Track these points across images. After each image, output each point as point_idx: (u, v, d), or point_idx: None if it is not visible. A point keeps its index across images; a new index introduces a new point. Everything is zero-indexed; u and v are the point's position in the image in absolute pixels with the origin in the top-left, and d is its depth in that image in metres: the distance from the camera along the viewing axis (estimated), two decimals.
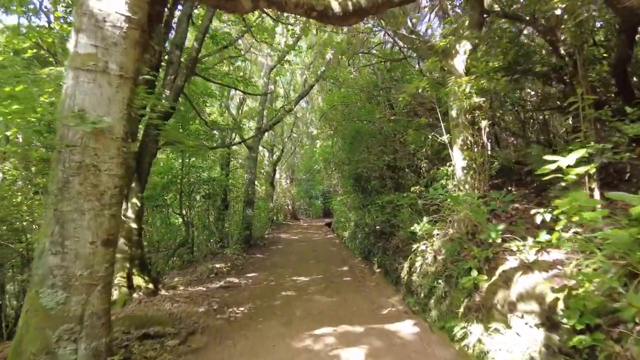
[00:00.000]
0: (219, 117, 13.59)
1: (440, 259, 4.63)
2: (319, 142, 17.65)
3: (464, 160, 4.80)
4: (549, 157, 2.73)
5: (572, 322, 2.39)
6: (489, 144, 5.12)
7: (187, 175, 9.88)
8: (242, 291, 6.25)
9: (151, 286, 5.60)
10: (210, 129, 10.52)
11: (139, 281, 5.48)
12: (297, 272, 7.58)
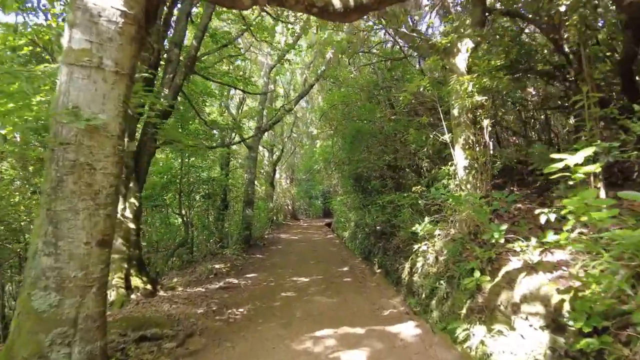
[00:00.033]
0: (219, 116, 13.51)
1: (442, 259, 4.58)
2: (319, 141, 17.60)
3: (466, 159, 4.76)
4: (556, 155, 2.67)
5: (579, 324, 2.34)
6: (491, 143, 5.07)
7: (187, 175, 9.84)
8: (241, 292, 6.18)
9: (149, 287, 5.55)
10: (209, 129, 10.46)
11: (137, 282, 5.43)
12: (297, 273, 7.53)
